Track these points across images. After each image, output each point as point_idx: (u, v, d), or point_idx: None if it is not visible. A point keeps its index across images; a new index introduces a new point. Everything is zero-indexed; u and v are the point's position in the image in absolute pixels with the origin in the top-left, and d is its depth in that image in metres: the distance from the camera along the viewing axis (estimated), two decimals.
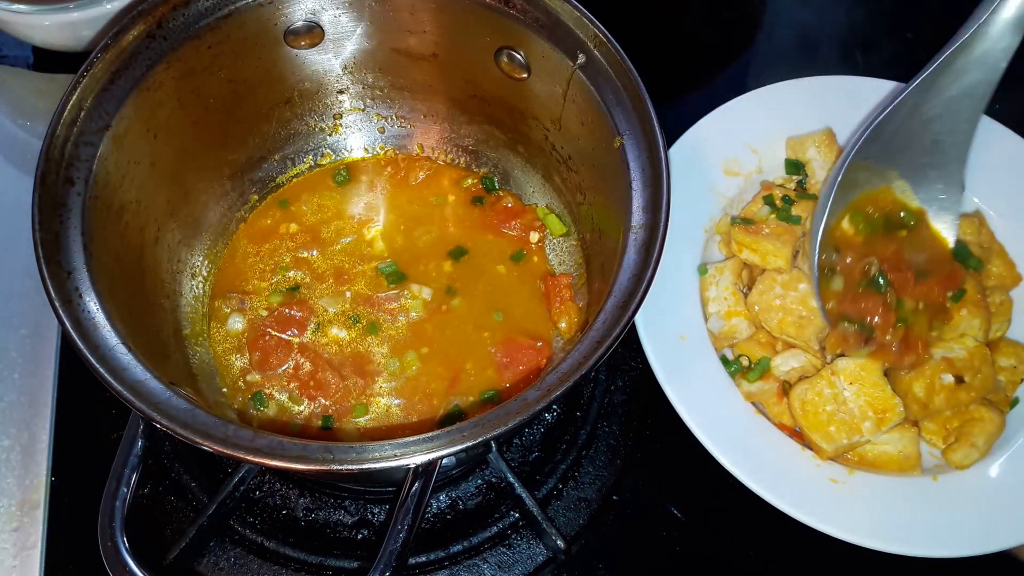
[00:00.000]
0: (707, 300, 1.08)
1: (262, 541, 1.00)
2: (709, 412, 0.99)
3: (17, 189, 1.21)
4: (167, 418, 0.73)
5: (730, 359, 1.06)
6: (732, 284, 1.09)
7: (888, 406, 0.98)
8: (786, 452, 0.99)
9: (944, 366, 1.00)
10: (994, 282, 1.10)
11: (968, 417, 1.01)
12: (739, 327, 1.07)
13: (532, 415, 0.74)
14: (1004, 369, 1.06)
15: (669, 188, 0.85)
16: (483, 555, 1.01)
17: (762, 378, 1.04)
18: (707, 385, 1.02)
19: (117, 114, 0.88)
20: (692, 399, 0.99)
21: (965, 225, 1.10)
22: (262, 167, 1.13)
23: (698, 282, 1.09)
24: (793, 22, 1.46)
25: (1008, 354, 1.06)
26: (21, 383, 1.10)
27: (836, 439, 0.98)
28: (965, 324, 1.03)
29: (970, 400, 1.00)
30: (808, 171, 1.16)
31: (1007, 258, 1.11)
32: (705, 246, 1.12)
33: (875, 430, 0.98)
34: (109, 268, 0.85)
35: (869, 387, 0.99)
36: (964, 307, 1.03)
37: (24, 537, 1.01)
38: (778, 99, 1.19)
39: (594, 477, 1.05)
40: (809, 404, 1.00)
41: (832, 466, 0.98)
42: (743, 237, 1.08)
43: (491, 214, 1.12)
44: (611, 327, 0.79)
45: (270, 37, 1.00)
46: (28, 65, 1.34)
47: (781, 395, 1.03)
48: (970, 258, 1.08)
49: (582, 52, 0.92)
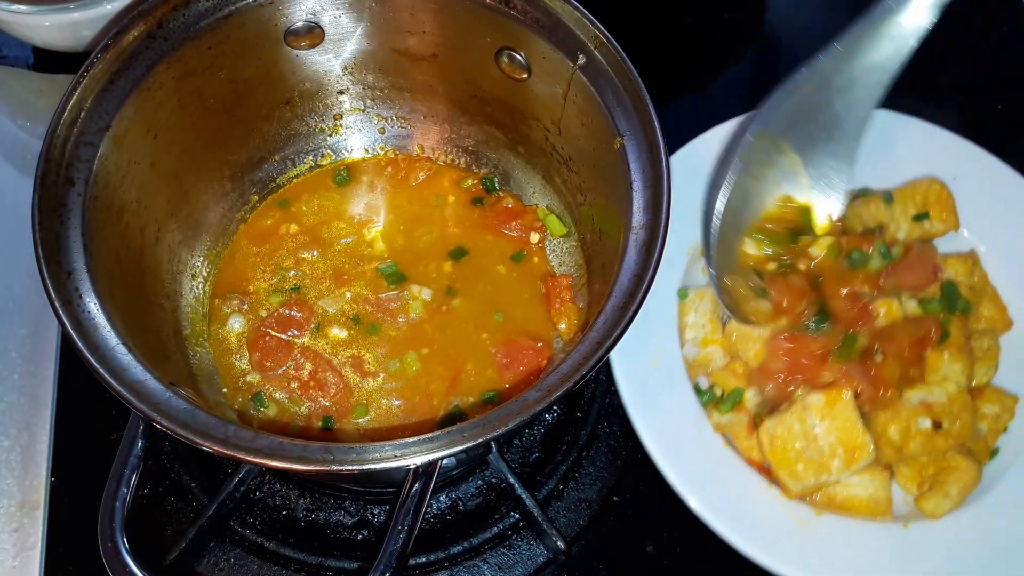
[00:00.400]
0: (685, 326, 1.06)
1: (262, 542, 1.00)
2: (675, 441, 0.97)
3: (17, 189, 1.20)
4: (167, 418, 0.73)
5: (703, 388, 1.02)
6: (711, 311, 1.06)
7: (858, 444, 0.95)
8: (752, 489, 0.96)
9: (922, 410, 0.97)
10: (984, 325, 1.06)
11: (944, 465, 0.97)
12: (714, 355, 1.04)
13: (533, 416, 0.74)
14: (987, 416, 1.02)
15: (670, 189, 0.85)
16: (483, 556, 1.01)
17: (733, 410, 1.00)
18: (676, 413, 0.99)
19: (117, 114, 0.88)
20: (658, 426, 0.97)
21: (957, 265, 1.07)
22: (262, 167, 1.13)
23: (677, 306, 1.07)
24: (794, 22, 1.46)
25: (992, 401, 1.02)
26: (21, 383, 1.10)
27: (803, 478, 0.95)
28: (946, 368, 0.99)
29: (947, 447, 0.97)
30: None
31: (999, 301, 1.08)
32: (687, 269, 1.09)
33: (844, 469, 0.95)
34: (109, 268, 0.85)
35: (841, 424, 0.95)
36: (946, 351, 0.99)
37: (24, 537, 1.01)
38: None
39: (595, 478, 1.05)
40: (778, 439, 0.96)
41: (799, 506, 0.96)
42: None
43: (491, 215, 1.12)
44: (612, 328, 0.79)
45: (270, 37, 1.00)
46: (28, 65, 1.34)
47: (751, 428, 1.00)
48: (958, 300, 1.04)
49: (582, 53, 0.92)
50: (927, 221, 1.09)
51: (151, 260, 0.98)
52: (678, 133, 1.15)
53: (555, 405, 1.06)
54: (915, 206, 1.10)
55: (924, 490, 0.98)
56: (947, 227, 1.10)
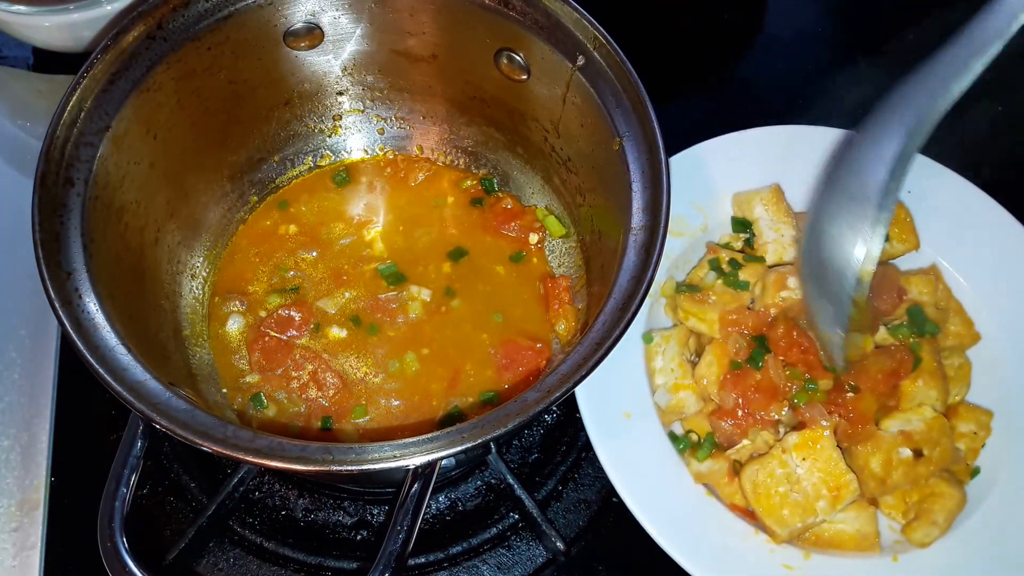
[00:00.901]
0: (653, 371, 1.02)
1: (261, 542, 1.01)
2: (658, 499, 0.94)
3: (17, 190, 1.20)
4: (167, 419, 0.74)
5: (679, 435, 1.00)
6: (679, 354, 1.02)
7: (842, 483, 0.93)
8: (738, 537, 0.94)
9: (901, 440, 0.95)
10: (952, 342, 1.05)
11: (928, 492, 0.96)
12: (687, 401, 1.00)
13: (532, 417, 0.74)
14: (964, 435, 1.01)
15: (669, 189, 0.85)
16: (482, 556, 1.01)
17: (712, 456, 0.98)
18: (655, 469, 0.96)
19: (117, 115, 0.88)
20: (640, 487, 0.94)
21: (920, 284, 1.05)
22: (261, 168, 1.13)
23: (643, 351, 1.03)
24: (794, 23, 1.46)
25: (967, 419, 1.01)
26: (21, 383, 1.10)
27: (790, 523, 0.93)
28: (921, 395, 0.97)
29: (929, 474, 0.95)
30: (756, 230, 1.09)
31: (965, 315, 1.06)
32: (650, 311, 1.06)
33: (830, 509, 0.93)
34: (109, 269, 0.85)
35: (822, 463, 0.94)
36: (920, 377, 0.98)
37: (24, 537, 1.01)
38: (723, 153, 1.12)
39: (594, 479, 1.05)
40: (761, 486, 0.94)
41: (787, 550, 0.94)
42: (689, 305, 1.03)
43: (490, 215, 1.12)
44: (611, 329, 0.79)
45: (270, 38, 1.00)
46: (28, 66, 1.34)
47: (732, 475, 0.98)
48: (926, 323, 1.02)
49: (582, 54, 0.92)
50: (887, 243, 1.07)
51: (151, 260, 0.98)
52: (676, 134, 1.15)
53: (554, 406, 1.06)
54: None
55: (910, 518, 0.96)
56: (908, 247, 1.08)
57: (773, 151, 1.13)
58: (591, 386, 0.98)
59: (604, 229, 0.98)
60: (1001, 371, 1.04)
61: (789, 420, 0.98)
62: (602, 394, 0.99)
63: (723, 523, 0.96)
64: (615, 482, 0.95)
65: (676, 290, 1.06)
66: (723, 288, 1.04)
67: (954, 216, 1.10)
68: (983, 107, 1.04)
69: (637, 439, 0.98)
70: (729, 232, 1.12)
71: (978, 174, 1.13)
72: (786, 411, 0.97)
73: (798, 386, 0.97)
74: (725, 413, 0.98)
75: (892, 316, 1.04)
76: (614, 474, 0.95)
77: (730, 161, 1.12)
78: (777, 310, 1.01)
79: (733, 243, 1.11)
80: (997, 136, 1.31)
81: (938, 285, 1.07)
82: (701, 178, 1.12)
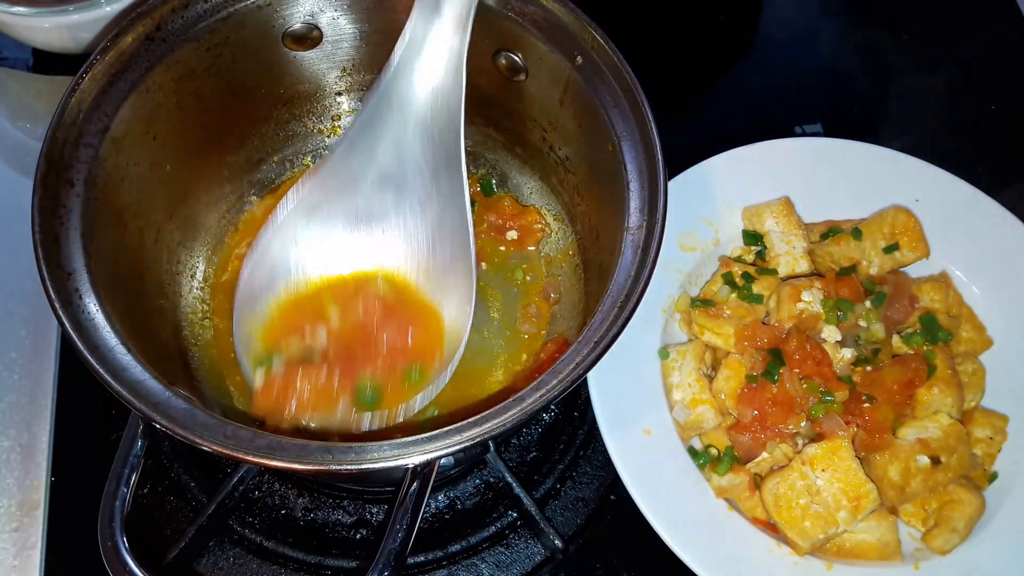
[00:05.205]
0: (671, 387, 1.03)
1: (261, 541, 1.01)
2: (681, 517, 0.95)
3: (17, 191, 1.21)
4: (166, 418, 0.74)
5: (698, 450, 1.01)
6: (695, 369, 1.03)
7: (862, 492, 0.94)
8: (762, 552, 0.95)
9: (919, 447, 0.96)
10: (964, 348, 1.06)
11: (947, 499, 0.97)
12: (705, 416, 1.00)
13: (530, 415, 0.74)
14: (980, 441, 1.01)
15: (666, 189, 0.85)
16: (481, 555, 1.01)
17: (732, 470, 0.98)
18: (677, 486, 0.97)
19: (116, 116, 0.88)
20: (663, 504, 0.95)
21: (931, 291, 1.06)
22: (261, 169, 1.13)
23: (660, 367, 1.04)
24: (790, 23, 1.47)
25: (983, 424, 1.02)
26: (21, 383, 1.10)
27: (812, 535, 0.93)
28: (937, 402, 0.98)
29: (947, 481, 0.96)
30: (767, 242, 1.10)
31: (976, 321, 1.07)
32: (665, 327, 1.07)
33: (851, 519, 0.94)
34: (109, 269, 0.85)
35: (841, 473, 0.94)
36: (935, 385, 0.98)
37: (24, 537, 1.01)
38: (731, 167, 1.13)
39: (592, 477, 1.06)
40: (782, 499, 0.95)
41: (810, 562, 0.94)
42: (704, 320, 1.04)
43: (489, 215, 1.13)
44: (608, 328, 0.79)
45: (269, 39, 1.01)
46: (28, 67, 1.34)
47: (753, 488, 0.98)
48: (939, 331, 1.03)
49: (580, 54, 0.92)
50: (898, 252, 1.09)
51: (151, 260, 0.98)
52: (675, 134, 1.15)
53: (552, 404, 1.06)
54: (884, 238, 1.09)
55: (930, 525, 0.97)
56: (918, 255, 1.09)
57: (780, 164, 1.15)
58: (610, 405, 0.99)
59: (602, 228, 0.98)
60: (1014, 375, 1.05)
61: (807, 432, 0.98)
62: (621, 413, 0.99)
63: (746, 537, 0.96)
64: (638, 501, 0.95)
65: (691, 305, 1.06)
66: (738, 302, 1.05)
67: (962, 222, 1.11)
68: (983, 107, 1.04)
69: (658, 456, 0.98)
70: (740, 245, 1.13)
71: (978, 174, 1.14)
72: (804, 423, 0.98)
73: (815, 398, 0.97)
74: (744, 427, 0.99)
75: (905, 324, 1.05)
76: (636, 493, 0.95)
77: (738, 175, 1.14)
78: (791, 323, 1.01)
79: (745, 256, 1.12)
80: (997, 136, 1.31)
81: (949, 292, 1.07)
82: (710, 193, 1.13)
